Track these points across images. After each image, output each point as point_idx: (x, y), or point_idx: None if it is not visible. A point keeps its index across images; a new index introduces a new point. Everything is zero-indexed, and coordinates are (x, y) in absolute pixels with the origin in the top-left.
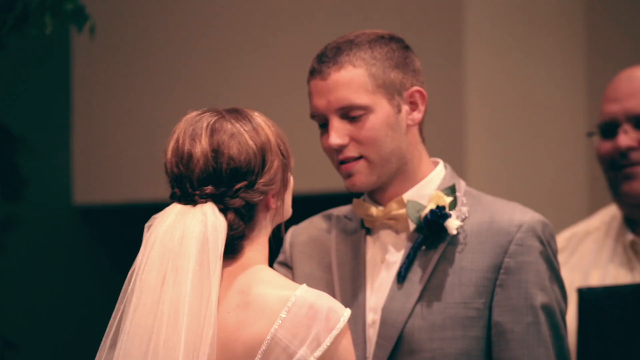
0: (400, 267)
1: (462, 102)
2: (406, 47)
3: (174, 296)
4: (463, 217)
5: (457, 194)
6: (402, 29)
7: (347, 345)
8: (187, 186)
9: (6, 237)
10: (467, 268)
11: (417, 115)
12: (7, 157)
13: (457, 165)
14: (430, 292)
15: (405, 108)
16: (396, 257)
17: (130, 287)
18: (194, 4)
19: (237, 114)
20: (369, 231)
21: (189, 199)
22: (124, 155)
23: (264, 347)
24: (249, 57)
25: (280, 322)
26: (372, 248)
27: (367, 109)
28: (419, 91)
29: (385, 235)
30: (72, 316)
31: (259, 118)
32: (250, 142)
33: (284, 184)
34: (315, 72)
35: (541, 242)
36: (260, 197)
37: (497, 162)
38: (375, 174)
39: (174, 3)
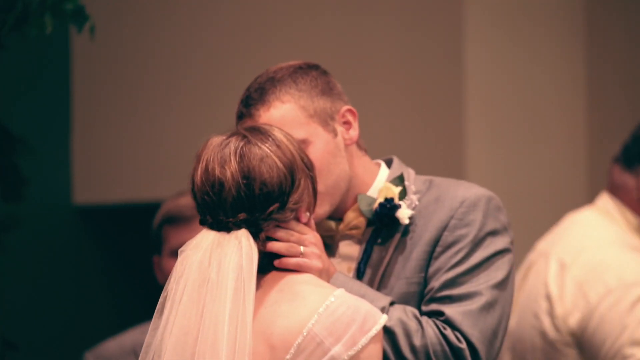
0: (359, 263)
1: (462, 102)
2: (324, 72)
3: (212, 322)
4: (414, 205)
5: (406, 182)
6: (402, 29)
7: (379, 350)
8: (220, 214)
9: (6, 237)
10: (414, 247)
11: (353, 133)
12: (7, 157)
13: (457, 165)
14: (386, 280)
15: (340, 129)
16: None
17: (166, 314)
18: (194, 4)
19: (259, 133)
20: (329, 247)
21: (222, 226)
22: (124, 155)
23: (299, 341)
24: (250, 57)
25: (317, 317)
26: (337, 262)
27: (304, 142)
28: (349, 110)
29: (345, 246)
30: (72, 316)
31: (278, 133)
32: (279, 164)
33: (313, 195)
34: (245, 116)
35: (483, 215)
36: (292, 215)
37: (496, 162)
38: (327, 203)
39: (174, 3)
